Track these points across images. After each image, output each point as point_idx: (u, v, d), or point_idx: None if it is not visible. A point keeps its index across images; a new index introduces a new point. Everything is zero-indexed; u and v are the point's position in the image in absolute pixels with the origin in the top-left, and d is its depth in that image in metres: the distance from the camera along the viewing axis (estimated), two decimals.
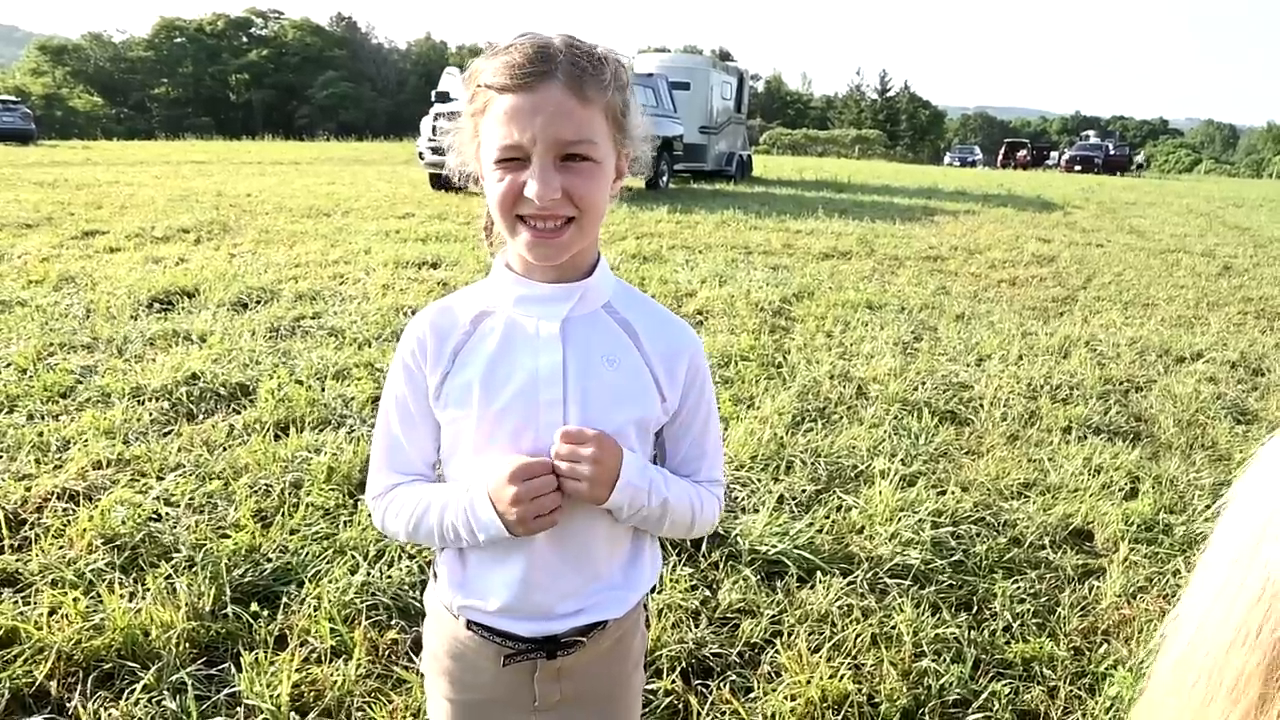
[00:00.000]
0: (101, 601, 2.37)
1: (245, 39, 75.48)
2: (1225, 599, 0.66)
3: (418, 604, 2.46)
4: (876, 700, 2.20)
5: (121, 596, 2.39)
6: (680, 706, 2.16)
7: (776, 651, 2.36)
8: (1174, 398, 4.72)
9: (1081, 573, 2.90)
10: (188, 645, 2.25)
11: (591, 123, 0.99)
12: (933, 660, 2.35)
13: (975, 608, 2.66)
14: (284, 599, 2.48)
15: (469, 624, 1.15)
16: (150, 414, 3.74)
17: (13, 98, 33.08)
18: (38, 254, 7.18)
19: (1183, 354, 5.68)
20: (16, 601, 2.38)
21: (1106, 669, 2.36)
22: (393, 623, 2.40)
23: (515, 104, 0.96)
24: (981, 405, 4.43)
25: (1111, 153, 47.52)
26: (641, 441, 1.12)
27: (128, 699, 2.05)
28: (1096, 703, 2.24)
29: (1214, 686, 0.64)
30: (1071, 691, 2.29)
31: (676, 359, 1.12)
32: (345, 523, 2.89)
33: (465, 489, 1.07)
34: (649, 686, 2.18)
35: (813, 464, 3.55)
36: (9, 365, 4.26)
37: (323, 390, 4.09)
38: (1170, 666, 0.70)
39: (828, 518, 3.10)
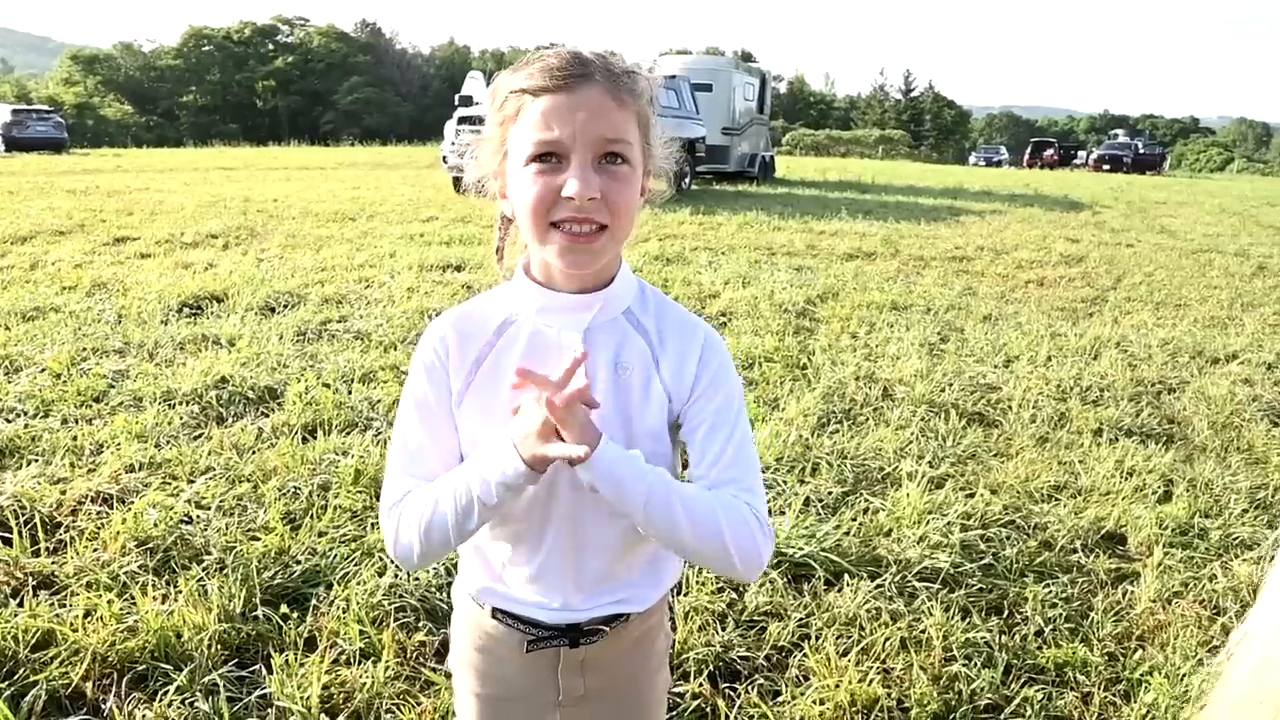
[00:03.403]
0: (135, 603, 2.40)
1: (272, 46, 76.45)
2: None
3: (445, 605, 2.47)
4: (906, 705, 2.18)
5: (154, 599, 2.42)
6: (708, 710, 2.15)
7: (804, 655, 2.35)
8: (1208, 400, 4.64)
9: (1114, 577, 2.86)
10: (219, 647, 2.27)
11: (627, 125, 1.00)
12: (963, 665, 2.32)
13: (1006, 612, 2.63)
14: (313, 601, 2.50)
15: (494, 612, 1.16)
16: (181, 417, 3.78)
17: (46, 107, 33.68)
18: (71, 260, 7.31)
19: (1216, 355, 5.58)
20: (53, 604, 2.42)
21: (1142, 675, 2.32)
22: (420, 625, 2.41)
23: (554, 103, 0.96)
24: (1010, 407, 4.38)
25: (1141, 151, 46.77)
26: (656, 450, 1.09)
27: (161, 700, 2.08)
28: (1132, 709, 2.21)
29: None
30: (1106, 698, 2.26)
31: (686, 357, 1.09)
32: (373, 525, 2.91)
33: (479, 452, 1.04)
34: (676, 689, 2.17)
35: (839, 466, 3.52)
36: (44, 370, 4.33)
37: (349, 393, 4.12)
38: (1240, 684, 0.70)
39: (855, 520, 3.08)
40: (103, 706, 2.09)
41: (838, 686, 2.20)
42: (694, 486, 1.06)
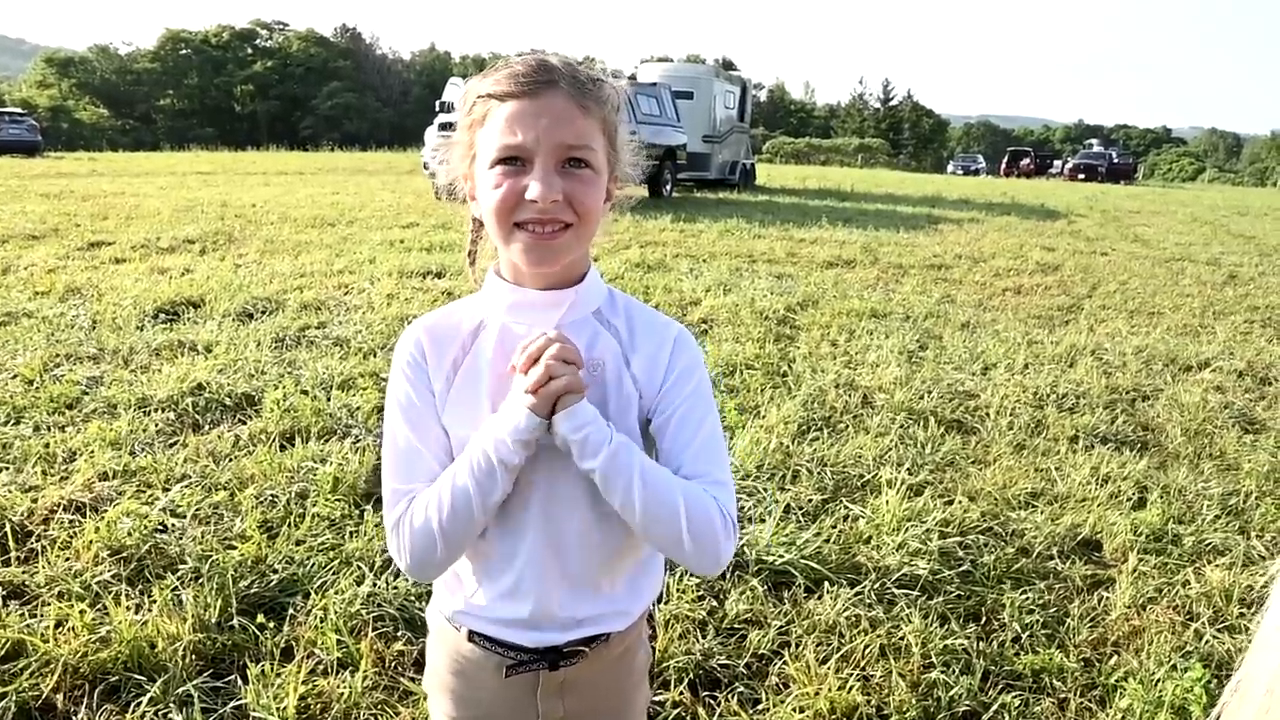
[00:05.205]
0: (108, 613, 2.37)
1: (250, 50, 75.87)
2: None
3: (424, 615, 2.45)
4: (885, 712, 2.19)
5: (128, 608, 2.39)
6: (688, 718, 2.15)
7: (784, 663, 2.35)
8: (1181, 407, 4.70)
9: (1090, 583, 2.89)
10: (194, 657, 2.24)
11: (591, 132, 1.02)
12: (942, 671, 2.33)
13: (984, 618, 2.65)
14: (290, 610, 2.47)
15: (471, 635, 1.14)
16: (156, 425, 3.74)
17: (19, 110, 33.28)
18: (44, 265, 7.21)
19: (1189, 363, 5.66)
20: (23, 614, 2.38)
21: (1117, 680, 2.35)
22: (399, 634, 2.39)
23: (518, 108, 0.99)
24: (988, 414, 4.42)
25: (1115, 161, 47.44)
26: None
27: (134, 711, 2.05)
28: (1108, 715, 2.23)
29: None
30: (1082, 703, 2.28)
31: (658, 353, 1.11)
32: (351, 533, 2.89)
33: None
34: (657, 698, 2.17)
35: (819, 473, 3.54)
36: (15, 376, 4.27)
37: (328, 400, 4.09)
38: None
39: (834, 527, 3.09)
40: (74, 718, 2.05)
41: (817, 694, 2.21)
42: (663, 468, 1.06)
